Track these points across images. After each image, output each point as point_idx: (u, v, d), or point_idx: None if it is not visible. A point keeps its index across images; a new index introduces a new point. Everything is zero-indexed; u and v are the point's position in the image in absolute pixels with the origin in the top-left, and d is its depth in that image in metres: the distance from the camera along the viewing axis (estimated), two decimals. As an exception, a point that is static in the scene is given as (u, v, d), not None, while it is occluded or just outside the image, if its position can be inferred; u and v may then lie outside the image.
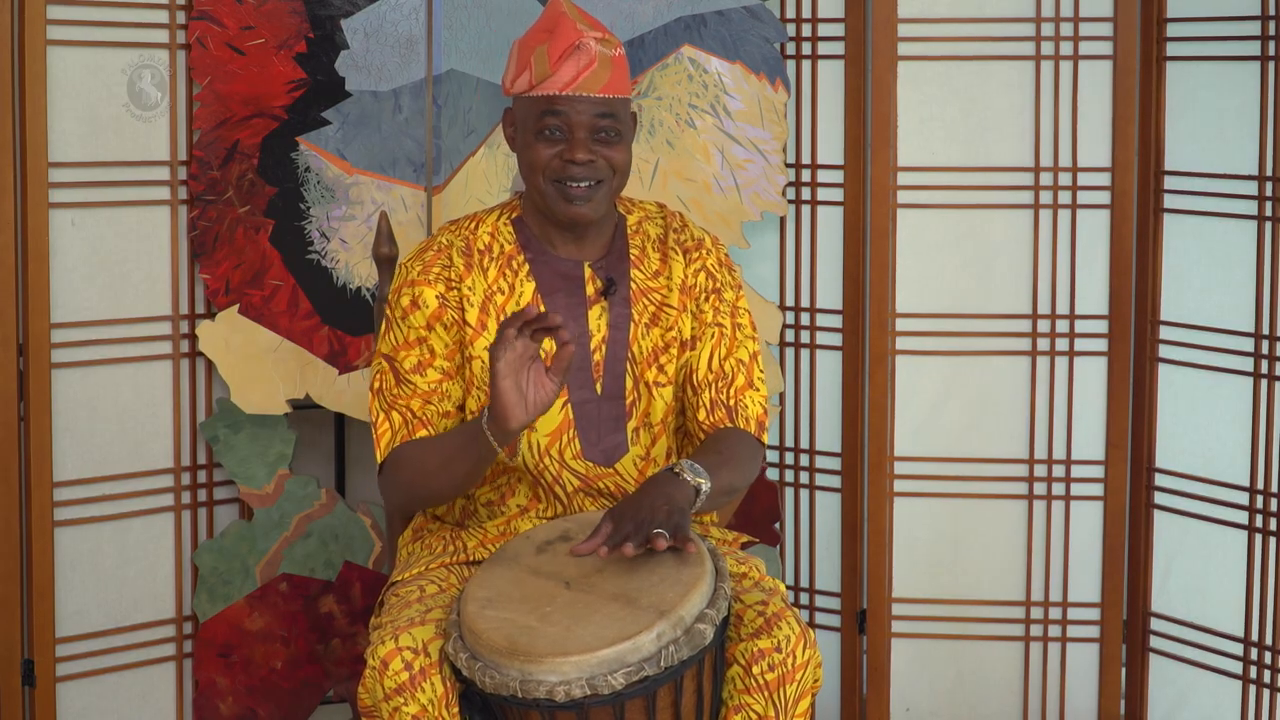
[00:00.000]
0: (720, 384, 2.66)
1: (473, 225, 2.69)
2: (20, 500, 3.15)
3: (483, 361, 2.60)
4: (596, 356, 2.64)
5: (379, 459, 2.61)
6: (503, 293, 2.64)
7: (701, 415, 2.65)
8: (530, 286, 2.64)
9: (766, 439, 2.70)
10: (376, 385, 2.63)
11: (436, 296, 2.61)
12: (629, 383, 2.65)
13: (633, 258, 2.70)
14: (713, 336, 2.68)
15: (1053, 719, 3.56)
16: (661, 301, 2.68)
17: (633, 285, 2.68)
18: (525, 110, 2.60)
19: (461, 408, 2.64)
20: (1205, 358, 3.38)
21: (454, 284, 2.63)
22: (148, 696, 3.36)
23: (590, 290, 2.66)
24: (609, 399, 2.65)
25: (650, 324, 2.67)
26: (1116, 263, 3.45)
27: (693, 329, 2.68)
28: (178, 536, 3.36)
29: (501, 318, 2.61)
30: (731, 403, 2.65)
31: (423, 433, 2.58)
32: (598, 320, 2.65)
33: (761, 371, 2.71)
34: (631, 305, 2.67)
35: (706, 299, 2.70)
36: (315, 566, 3.43)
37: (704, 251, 2.72)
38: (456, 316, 2.62)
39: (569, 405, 2.62)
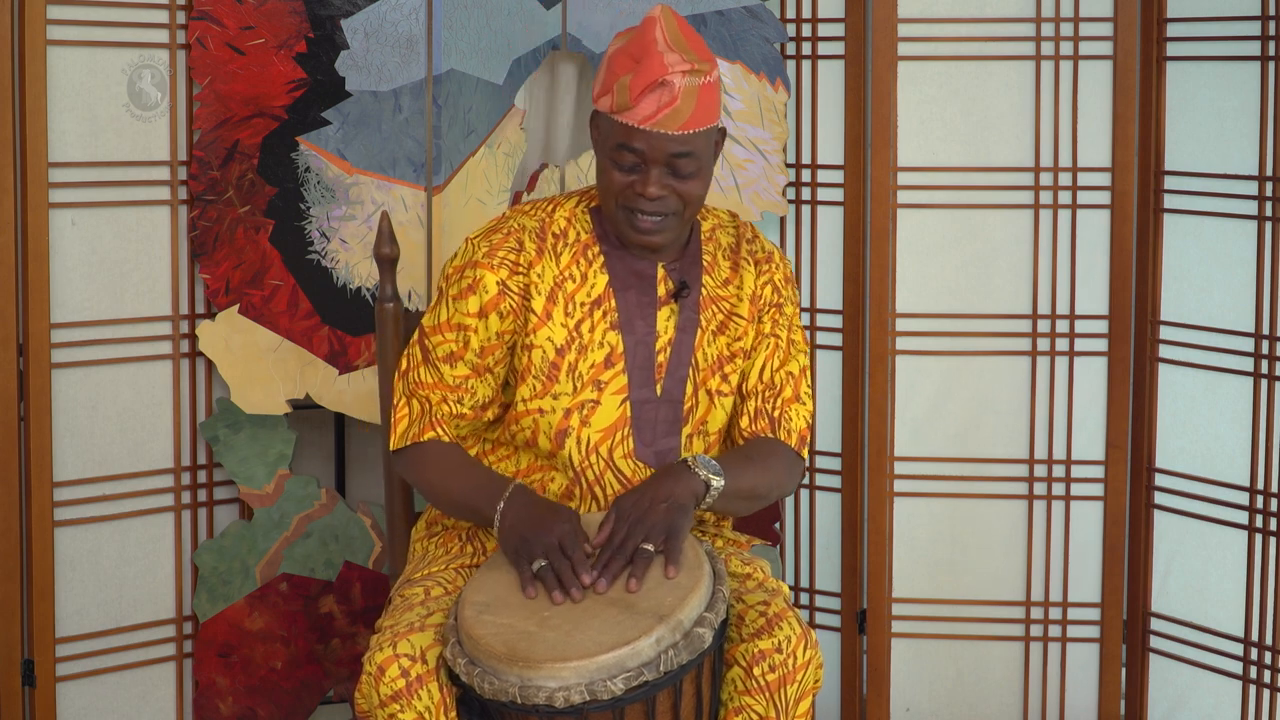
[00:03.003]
0: (768, 394, 2.66)
1: (550, 208, 2.67)
2: (20, 500, 3.15)
3: (544, 351, 2.59)
4: (660, 358, 2.63)
5: (393, 444, 2.64)
6: (574, 280, 2.62)
7: (744, 423, 2.65)
8: (604, 279, 2.63)
9: (807, 453, 2.69)
10: (403, 366, 2.65)
11: (498, 283, 2.59)
12: (689, 388, 2.64)
13: (705, 264, 2.69)
14: (768, 348, 2.68)
15: (1053, 719, 3.56)
16: (730, 311, 2.67)
17: (703, 291, 2.67)
18: (606, 128, 2.56)
19: (484, 406, 2.64)
20: (1205, 358, 3.38)
21: (520, 269, 2.60)
22: (148, 696, 3.36)
23: (662, 291, 2.65)
24: (667, 402, 2.63)
25: (717, 332, 2.66)
26: (1116, 263, 3.45)
27: (753, 340, 2.68)
28: (178, 536, 3.36)
29: (570, 306, 2.60)
30: (776, 414, 2.65)
31: (430, 434, 2.60)
32: (666, 321, 2.64)
33: (809, 387, 2.70)
34: (700, 311, 2.66)
35: (768, 311, 2.69)
36: (315, 566, 3.43)
37: (773, 265, 2.72)
38: (517, 304, 2.59)
39: (628, 403, 2.61)
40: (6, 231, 3.09)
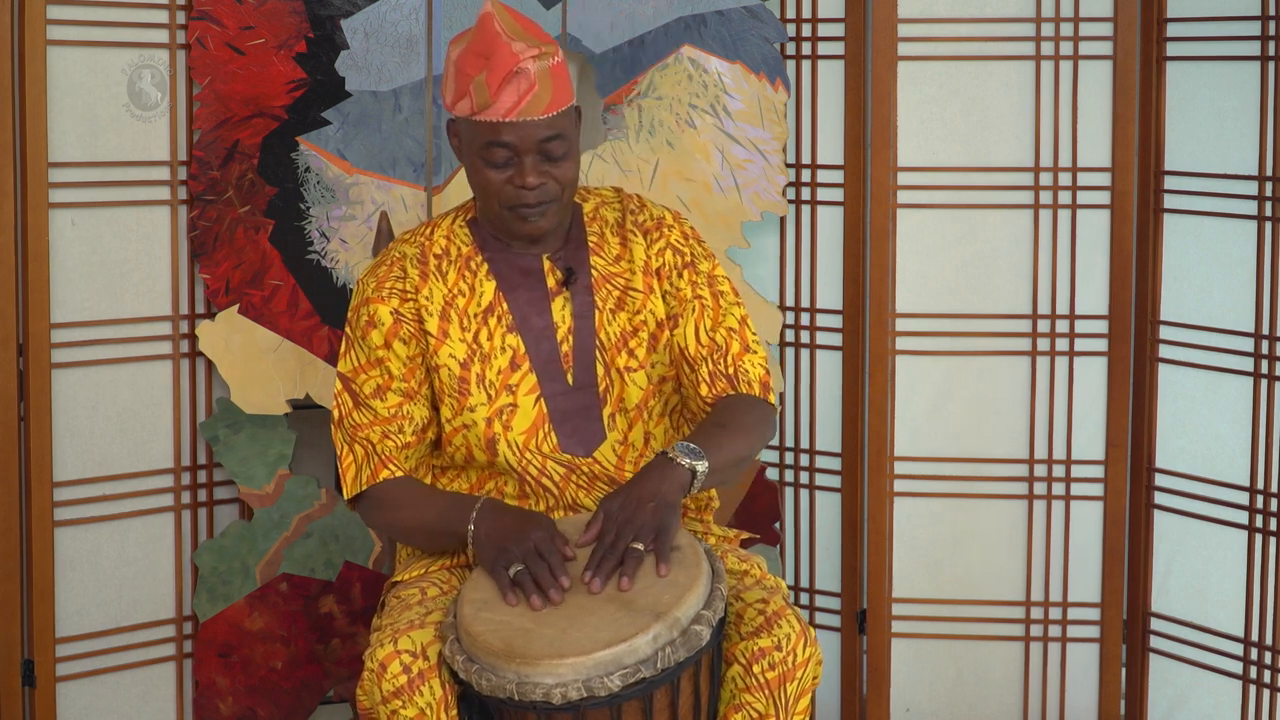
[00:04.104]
0: (716, 355, 2.64)
1: (428, 231, 2.70)
2: (20, 500, 3.15)
3: (449, 369, 2.61)
4: (564, 347, 2.64)
5: (347, 493, 2.63)
6: (463, 295, 2.64)
7: (704, 390, 2.64)
8: (491, 285, 2.65)
9: (774, 399, 2.68)
10: (336, 416, 2.66)
11: (390, 312, 2.62)
12: (600, 370, 2.65)
13: (591, 245, 2.70)
14: (694, 310, 2.67)
15: (1053, 719, 3.56)
16: (626, 286, 2.68)
17: (594, 272, 2.68)
18: (470, 132, 2.58)
19: (424, 429, 2.65)
20: (1205, 358, 3.38)
21: (409, 296, 2.63)
22: (148, 696, 3.36)
23: (551, 282, 2.66)
24: (581, 389, 2.64)
25: (616, 309, 2.67)
26: (1116, 263, 3.45)
27: (669, 308, 2.67)
28: (178, 536, 3.36)
29: (464, 320, 2.62)
30: (731, 371, 2.64)
31: (385, 473, 2.60)
32: (561, 311, 2.65)
33: (754, 333, 2.70)
34: (594, 293, 2.67)
35: (680, 274, 2.68)
36: (315, 566, 3.43)
37: (665, 229, 2.72)
38: (414, 329, 2.62)
39: (541, 400, 2.62)
40: (6, 231, 3.09)
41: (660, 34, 3.46)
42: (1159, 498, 3.48)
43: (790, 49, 3.55)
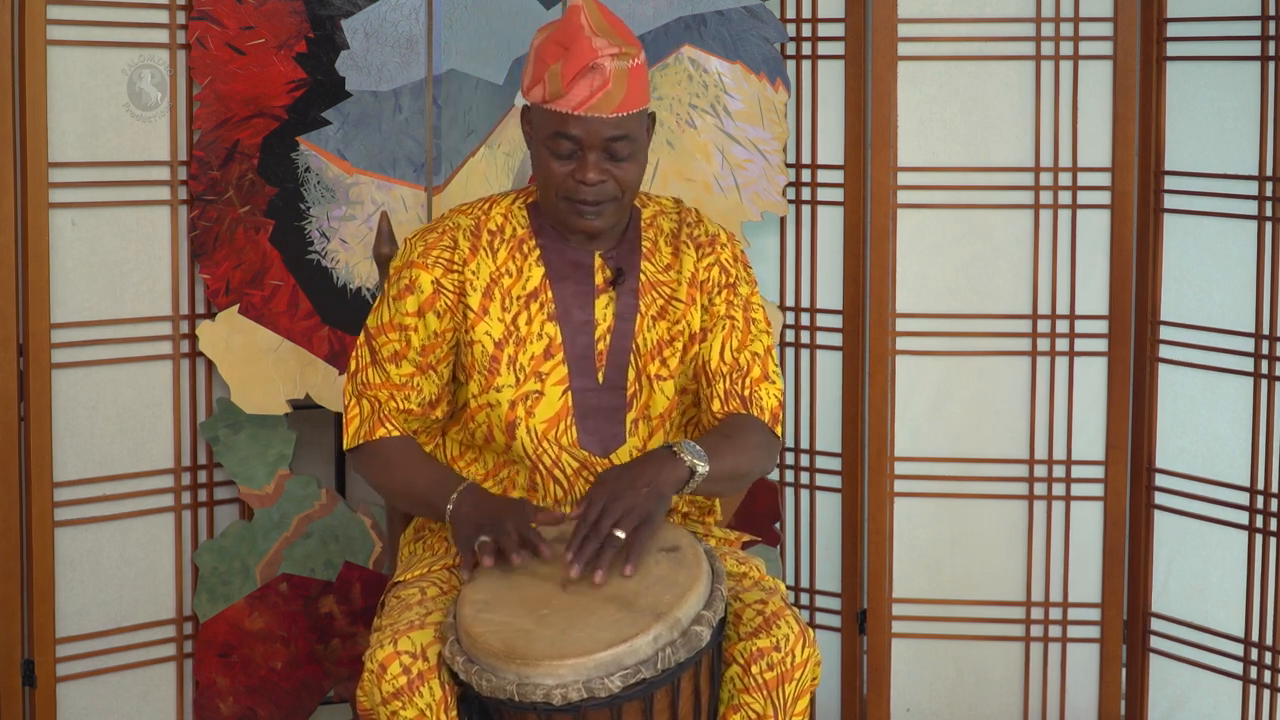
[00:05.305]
0: (735, 376, 2.65)
1: (485, 207, 2.70)
2: (20, 500, 3.15)
3: (483, 346, 2.61)
4: (600, 346, 2.65)
5: (346, 444, 2.67)
6: (510, 275, 2.64)
7: (716, 406, 2.64)
8: (539, 271, 2.65)
9: (781, 431, 2.69)
10: (353, 368, 2.69)
11: (432, 282, 2.62)
12: (631, 374, 2.65)
13: (644, 250, 2.70)
14: (724, 328, 2.67)
15: (1053, 719, 3.56)
16: (670, 295, 2.68)
17: (642, 277, 2.68)
18: (540, 120, 2.58)
19: (431, 403, 2.66)
20: (1205, 358, 3.38)
21: (455, 267, 2.63)
22: (148, 696, 3.36)
23: (599, 279, 2.66)
24: (609, 389, 2.65)
25: (657, 317, 2.67)
26: (1116, 263, 3.45)
27: (703, 322, 2.68)
28: (178, 536, 3.36)
29: (507, 300, 2.62)
30: (746, 393, 2.65)
31: (381, 431, 2.64)
32: (604, 309, 2.65)
33: (776, 366, 2.71)
34: (640, 297, 2.67)
35: (719, 292, 2.69)
36: (315, 566, 3.43)
37: (718, 247, 2.72)
38: (453, 302, 2.62)
39: (569, 392, 2.62)
40: (6, 231, 3.09)
41: (660, 34, 3.46)
42: (1159, 498, 3.48)
43: (790, 49, 3.55)
